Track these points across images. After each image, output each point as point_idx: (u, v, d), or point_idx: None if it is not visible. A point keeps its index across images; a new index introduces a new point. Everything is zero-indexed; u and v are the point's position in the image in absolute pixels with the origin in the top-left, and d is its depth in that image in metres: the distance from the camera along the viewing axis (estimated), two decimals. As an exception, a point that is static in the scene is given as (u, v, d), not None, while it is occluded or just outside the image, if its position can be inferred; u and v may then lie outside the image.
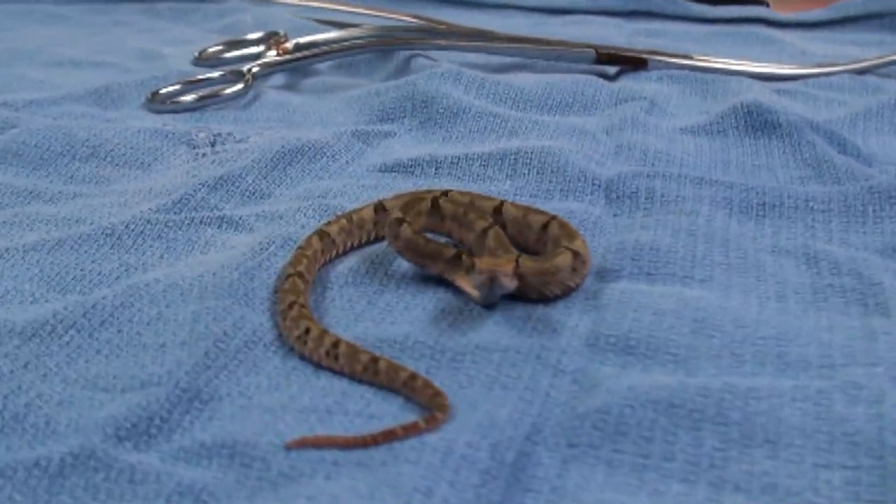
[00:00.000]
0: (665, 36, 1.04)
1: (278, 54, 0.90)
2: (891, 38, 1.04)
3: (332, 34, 0.94)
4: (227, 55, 0.92)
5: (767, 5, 1.10)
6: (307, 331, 0.49)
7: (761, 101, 0.75)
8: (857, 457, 0.40)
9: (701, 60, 0.89)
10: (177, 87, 0.82)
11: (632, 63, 0.89)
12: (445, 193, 0.58)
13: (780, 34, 1.03)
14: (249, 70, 0.85)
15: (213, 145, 0.73)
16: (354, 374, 0.47)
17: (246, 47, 0.93)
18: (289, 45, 0.92)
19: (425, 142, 0.75)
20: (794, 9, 1.08)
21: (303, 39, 0.92)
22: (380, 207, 0.60)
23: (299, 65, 0.88)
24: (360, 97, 0.83)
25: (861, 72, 0.88)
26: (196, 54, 0.92)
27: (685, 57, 0.89)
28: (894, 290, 0.52)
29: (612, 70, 0.89)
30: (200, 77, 0.84)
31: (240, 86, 0.83)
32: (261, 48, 0.93)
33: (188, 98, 0.81)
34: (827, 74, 0.87)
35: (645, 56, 0.89)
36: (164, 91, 0.82)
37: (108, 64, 0.93)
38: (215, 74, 0.84)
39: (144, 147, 0.72)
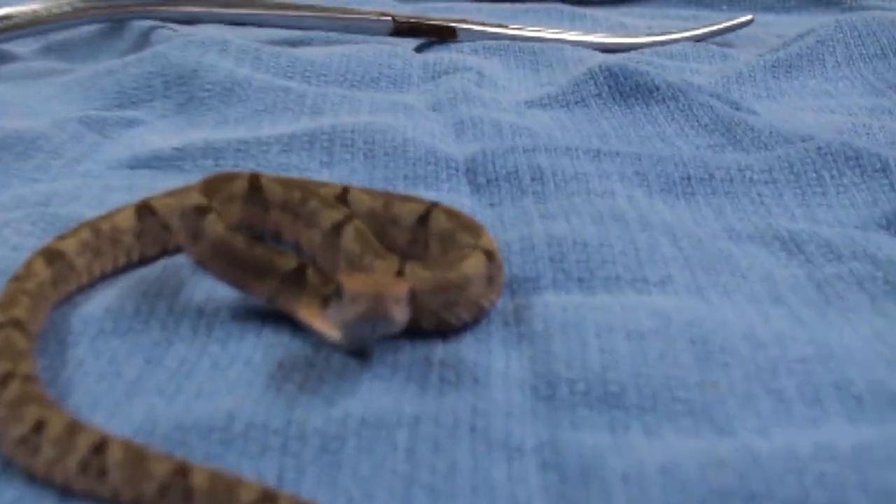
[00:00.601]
0: (456, 14, 0.87)
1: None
2: (700, 11, 0.92)
3: (31, 7, 0.69)
4: None
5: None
6: (39, 425, 0.26)
7: (626, 64, 0.59)
8: None
9: (518, 30, 0.72)
10: None
11: (438, 34, 0.70)
12: (256, 178, 0.36)
13: (587, 10, 0.88)
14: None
15: None
16: (142, 502, 0.25)
17: None
18: (-30, 18, 0.66)
19: (191, 127, 0.53)
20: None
21: (-10, 10, 0.67)
22: (145, 210, 0.38)
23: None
24: (85, 80, 0.60)
25: (699, 39, 0.75)
26: None
27: (500, 26, 0.72)
28: (938, 275, 0.36)
29: (412, 44, 0.70)
30: None
31: None
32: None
33: None
34: (664, 43, 0.73)
35: (453, 25, 0.71)
36: None
37: None
38: None
39: None
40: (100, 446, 0.26)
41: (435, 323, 0.32)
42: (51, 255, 0.34)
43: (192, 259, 0.33)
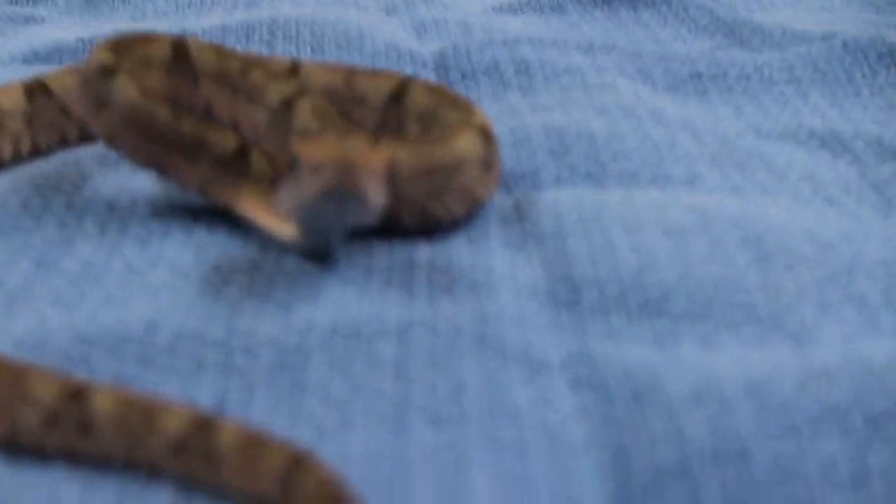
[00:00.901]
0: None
1: None
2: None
3: None
4: None
5: None
6: None
7: (606, -36, 0.52)
8: None
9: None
10: None
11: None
12: (182, 42, 0.28)
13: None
14: None
15: None
16: (20, 437, 0.18)
17: None
18: None
19: (101, 22, 0.45)
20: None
21: None
22: (37, 88, 0.30)
23: None
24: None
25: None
26: None
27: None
28: None
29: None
30: None
31: None
32: None
33: None
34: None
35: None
36: None
37: None
38: None
39: None
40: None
41: (418, 217, 0.25)
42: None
43: (98, 133, 0.25)
